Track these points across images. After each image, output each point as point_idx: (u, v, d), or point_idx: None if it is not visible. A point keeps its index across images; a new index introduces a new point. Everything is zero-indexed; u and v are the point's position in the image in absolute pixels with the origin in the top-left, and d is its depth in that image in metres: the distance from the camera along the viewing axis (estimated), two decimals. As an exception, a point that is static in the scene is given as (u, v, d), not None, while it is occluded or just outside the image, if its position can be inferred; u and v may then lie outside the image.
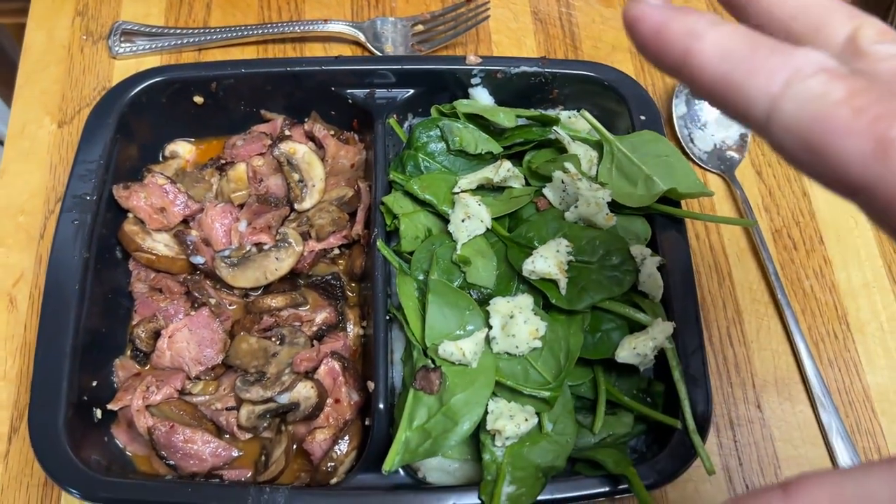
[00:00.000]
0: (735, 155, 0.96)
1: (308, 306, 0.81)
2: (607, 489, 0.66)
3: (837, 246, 0.92)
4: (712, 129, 0.96)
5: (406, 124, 0.89)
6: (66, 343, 0.70)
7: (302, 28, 1.00)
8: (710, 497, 0.78)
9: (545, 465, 0.68)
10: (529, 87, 0.88)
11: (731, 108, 0.33)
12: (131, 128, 0.83)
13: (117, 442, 0.74)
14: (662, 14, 0.34)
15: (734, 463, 0.80)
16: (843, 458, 0.79)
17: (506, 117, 0.80)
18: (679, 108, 0.96)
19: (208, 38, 1.00)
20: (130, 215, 0.81)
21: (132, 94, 0.82)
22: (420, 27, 1.02)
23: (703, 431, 0.69)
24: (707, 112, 0.97)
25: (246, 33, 1.00)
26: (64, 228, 0.75)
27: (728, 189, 0.94)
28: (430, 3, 1.06)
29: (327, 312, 0.80)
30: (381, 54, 1.00)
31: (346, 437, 0.71)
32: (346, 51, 1.02)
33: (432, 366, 0.69)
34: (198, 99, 0.86)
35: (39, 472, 0.78)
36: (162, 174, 0.82)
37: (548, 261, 0.70)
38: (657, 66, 0.35)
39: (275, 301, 0.78)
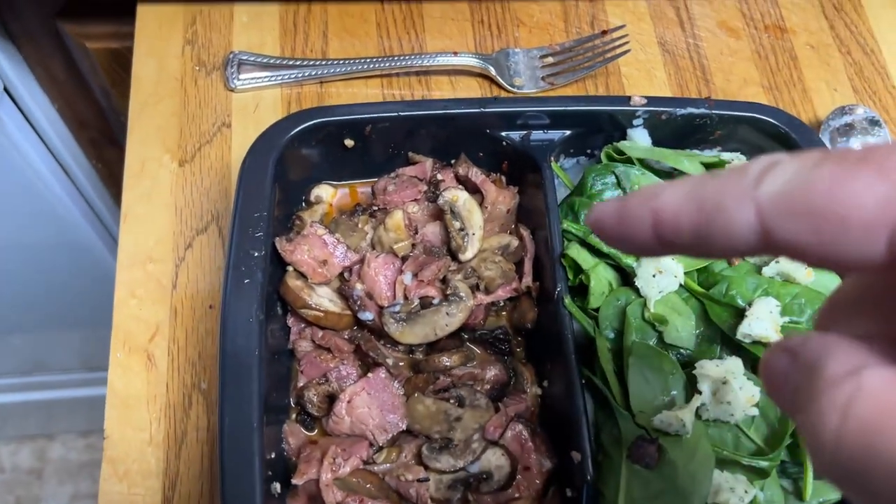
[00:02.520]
0: (881, 194, 0.93)
1: (475, 362, 0.77)
2: (841, 565, 0.63)
3: None
4: (856, 167, 0.94)
5: (557, 165, 0.85)
6: (253, 415, 0.65)
7: (430, 61, 0.96)
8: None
9: (763, 537, 0.65)
10: (690, 128, 0.84)
11: (718, 244, 0.29)
12: (284, 173, 0.78)
13: (294, 516, 0.70)
14: (616, 201, 0.32)
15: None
16: None
17: (690, 164, 0.77)
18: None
19: (331, 70, 0.95)
20: (290, 269, 0.76)
21: (288, 137, 0.77)
22: (550, 59, 0.98)
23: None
24: (852, 150, 0.94)
25: (370, 66, 0.95)
26: (236, 288, 0.69)
27: (877, 230, 0.92)
28: (553, 32, 1.03)
29: (497, 370, 0.76)
30: (512, 88, 0.96)
31: (548, 510, 0.67)
32: (474, 84, 0.98)
33: (648, 437, 0.65)
34: (348, 142, 0.81)
35: (200, 546, 0.73)
36: (321, 224, 0.77)
37: (764, 323, 0.66)
38: (637, 251, 0.32)
39: (450, 360, 0.74)
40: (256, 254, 0.72)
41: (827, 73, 1.03)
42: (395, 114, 0.80)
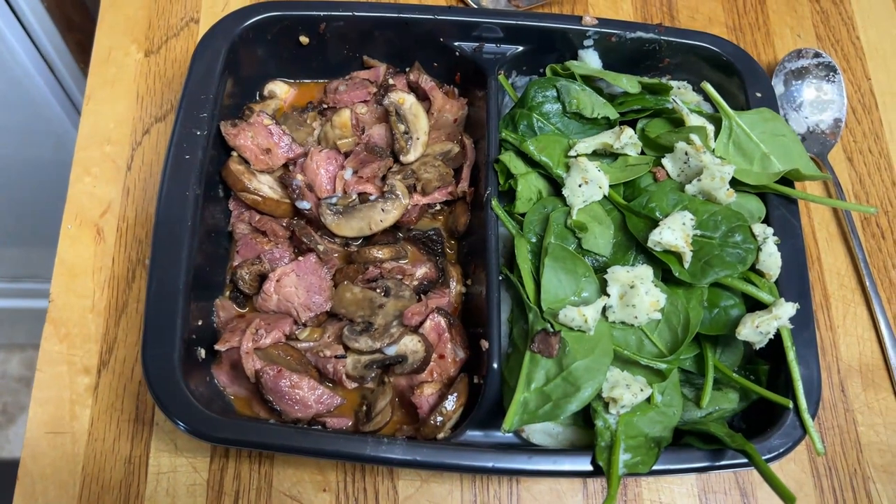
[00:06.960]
0: (828, 139, 0.95)
1: (407, 260, 0.80)
2: (721, 463, 0.67)
3: (925, 238, 0.92)
4: (807, 111, 0.96)
5: (510, 82, 0.87)
6: (180, 279, 0.68)
7: (398, -27, 0.97)
8: (794, 475, 0.80)
9: (654, 435, 0.68)
10: (640, 54, 0.86)
11: None
12: (236, 64, 0.80)
13: (217, 383, 0.74)
14: None
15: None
16: (926, 446, 0.80)
17: (629, 83, 0.79)
18: (777, 88, 0.95)
19: (300, -25, 0.96)
20: (234, 154, 0.79)
21: (242, 27, 0.79)
22: (518, -18, 0.99)
23: (812, 413, 0.69)
24: (804, 93, 0.96)
25: (340, -26, 0.97)
26: (176, 162, 0.72)
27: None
28: (525, -42, 1.03)
29: (427, 267, 0.79)
30: (476, 7, 0.97)
31: (455, 394, 0.71)
32: (442, 2, 0.99)
33: (552, 330, 0.68)
34: (303, 39, 0.84)
35: (130, 406, 0.77)
36: (268, 114, 0.79)
37: (675, 233, 0.69)
38: None
39: (380, 252, 0.77)
40: (199, 133, 0.74)
41: (793, 19, 1.04)
42: (350, 13, 0.82)
